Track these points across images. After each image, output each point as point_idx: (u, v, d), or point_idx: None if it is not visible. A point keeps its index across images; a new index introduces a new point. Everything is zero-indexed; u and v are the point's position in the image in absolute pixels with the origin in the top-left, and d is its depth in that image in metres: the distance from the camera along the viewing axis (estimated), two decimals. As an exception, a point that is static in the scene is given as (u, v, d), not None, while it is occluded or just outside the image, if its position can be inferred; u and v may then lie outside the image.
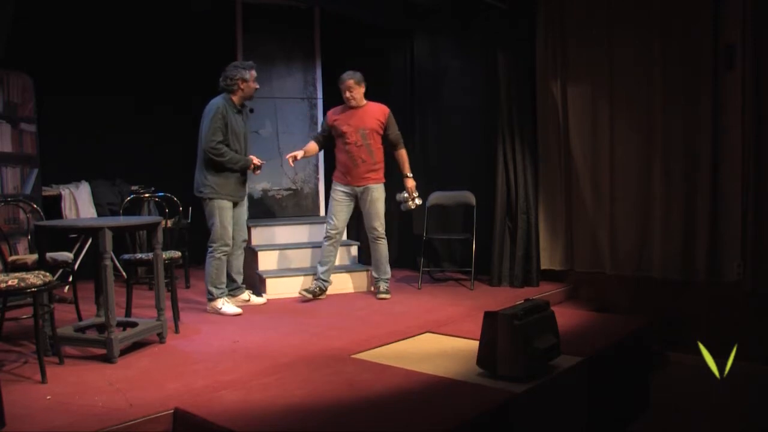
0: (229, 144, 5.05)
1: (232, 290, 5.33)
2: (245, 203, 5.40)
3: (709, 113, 5.04)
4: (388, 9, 6.18)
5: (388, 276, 5.71)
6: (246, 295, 5.38)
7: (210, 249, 5.12)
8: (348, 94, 5.47)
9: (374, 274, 5.72)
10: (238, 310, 5.07)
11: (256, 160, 5.18)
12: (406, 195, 5.68)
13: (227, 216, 5.10)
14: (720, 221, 5.07)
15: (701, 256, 5.13)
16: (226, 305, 5.08)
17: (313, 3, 6.84)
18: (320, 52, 7.10)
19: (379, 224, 5.59)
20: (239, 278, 5.37)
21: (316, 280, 5.63)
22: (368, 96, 5.70)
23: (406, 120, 7.08)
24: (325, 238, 5.63)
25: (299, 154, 5.58)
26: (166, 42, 7.00)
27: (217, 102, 5.05)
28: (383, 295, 5.58)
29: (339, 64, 7.14)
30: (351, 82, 5.46)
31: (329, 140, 5.70)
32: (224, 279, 5.18)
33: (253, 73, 5.15)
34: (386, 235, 7.07)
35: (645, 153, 5.45)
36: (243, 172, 5.19)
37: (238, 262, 5.36)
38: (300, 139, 6.88)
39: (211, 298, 5.12)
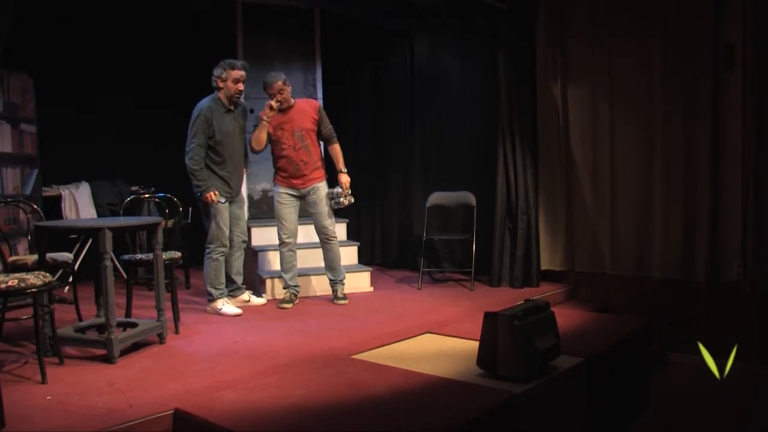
0: (216, 146, 5.02)
1: (232, 291, 5.33)
2: (243, 204, 5.40)
3: (709, 113, 5.04)
4: (388, 9, 6.17)
5: (344, 277, 5.57)
6: (246, 295, 5.38)
7: (207, 250, 5.12)
8: (279, 97, 5.23)
9: (330, 277, 5.54)
10: (238, 311, 5.07)
11: (210, 196, 4.99)
12: (339, 191, 5.40)
13: (223, 216, 5.10)
14: (720, 221, 5.06)
15: (701, 257, 5.13)
16: (226, 306, 5.08)
17: (313, 3, 6.84)
18: (320, 53, 7.10)
19: (329, 223, 5.42)
20: (239, 279, 5.37)
21: (285, 288, 5.48)
22: (370, 98, 5.68)
23: (407, 120, 7.09)
24: (280, 244, 5.45)
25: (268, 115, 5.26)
26: (166, 42, 7.01)
27: (202, 103, 5.02)
28: (341, 301, 5.45)
29: (339, 65, 7.17)
30: (280, 83, 5.19)
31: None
32: (223, 279, 5.18)
33: (235, 72, 5.01)
34: (385, 235, 7.08)
35: (645, 153, 5.45)
36: (231, 172, 5.13)
37: (238, 262, 5.35)
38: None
39: (211, 299, 5.12)
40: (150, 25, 6.84)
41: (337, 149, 5.44)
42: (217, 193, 5.02)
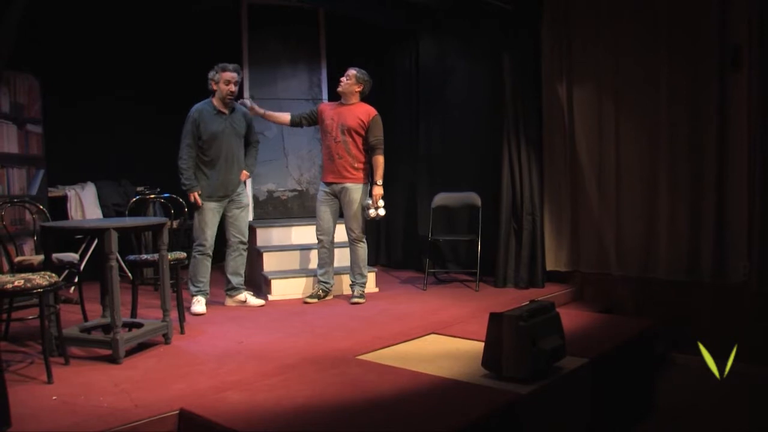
0: (204, 146, 5.17)
1: (228, 290, 5.42)
2: (242, 204, 5.40)
3: (715, 114, 5.02)
4: (392, 10, 6.17)
5: (365, 280, 5.63)
6: (242, 296, 5.40)
7: (193, 247, 5.27)
8: (342, 77, 5.51)
9: (350, 278, 5.63)
10: (202, 311, 5.11)
11: (193, 197, 5.17)
12: (369, 202, 5.50)
13: (206, 216, 5.18)
14: (726, 222, 5.04)
15: (707, 257, 5.11)
16: (197, 305, 5.13)
17: (318, 4, 6.84)
18: (325, 53, 7.10)
19: (356, 226, 5.51)
20: (234, 279, 5.40)
21: (317, 283, 5.65)
22: (375, 98, 5.70)
23: (412, 121, 7.09)
24: (317, 241, 5.63)
25: (260, 109, 5.66)
26: (171, 43, 7.02)
27: (195, 107, 5.23)
28: (357, 300, 5.49)
29: (344, 65, 7.17)
30: (353, 71, 5.49)
31: (308, 122, 5.73)
32: (201, 277, 5.22)
33: (227, 74, 5.15)
34: (390, 235, 7.07)
35: (650, 154, 5.43)
36: (219, 172, 5.22)
37: (234, 263, 5.39)
38: (305, 140, 6.88)
39: (192, 294, 5.22)
40: (155, 26, 6.85)
41: (378, 160, 5.51)
42: (199, 192, 5.17)
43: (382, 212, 5.52)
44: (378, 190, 5.49)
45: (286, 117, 5.74)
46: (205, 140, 5.17)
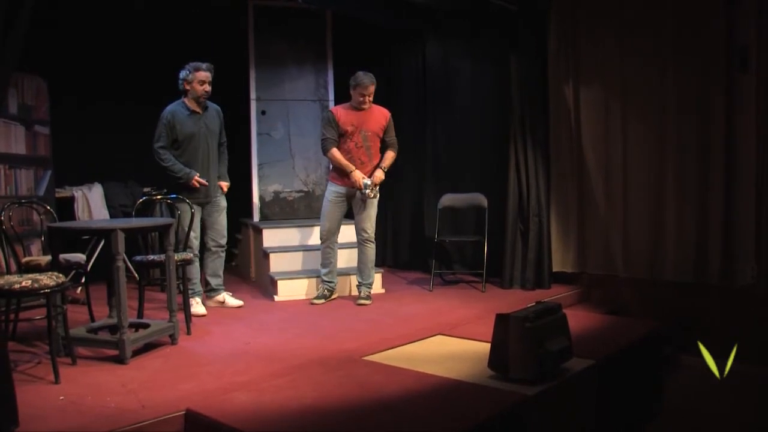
0: (180, 147, 5.15)
1: (207, 291, 5.41)
2: (220, 207, 5.37)
3: (723, 115, 5.00)
4: (398, 12, 6.16)
5: (372, 281, 5.66)
6: (221, 296, 5.41)
7: None
8: (368, 99, 5.43)
9: (358, 279, 5.65)
10: (202, 311, 5.10)
11: (196, 181, 5.13)
12: (368, 182, 5.40)
13: (185, 219, 5.12)
14: (734, 224, 5.02)
15: (715, 259, 5.09)
16: (194, 306, 5.09)
17: (323, 5, 6.84)
18: (332, 54, 7.10)
19: (369, 226, 5.55)
20: (213, 281, 5.40)
21: (321, 283, 5.66)
22: (381, 99, 5.72)
23: (418, 122, 7.08)
24: (321, 241, 5.63)
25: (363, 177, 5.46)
26: (180, 46, 7.01)
27: (167, 108, 5.19)
28: (363, 301, 5.49)
29: (351, 67, 7.17)
30: (373, 88, 5.43)
31: (338, 136, 5.65)
32: (194, 280, 5.21)
33: (201, 74, 5.14)
34: (397, 236, 7.06)
35: (658, 155, 5.41)
36: (203, 172, 5.19)
37: (213, 264, 5.39)
38: (312, 141, 6.87)
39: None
40: (163, 28, 6.85)
41: (389, 154, 5.58)
42: (198, 174, 5.15)
43: (374, 193, 5.46)
44: (380, 174, 5.48)
45: (336, 152, 5.52)
46: (181, 142, 5.14)
